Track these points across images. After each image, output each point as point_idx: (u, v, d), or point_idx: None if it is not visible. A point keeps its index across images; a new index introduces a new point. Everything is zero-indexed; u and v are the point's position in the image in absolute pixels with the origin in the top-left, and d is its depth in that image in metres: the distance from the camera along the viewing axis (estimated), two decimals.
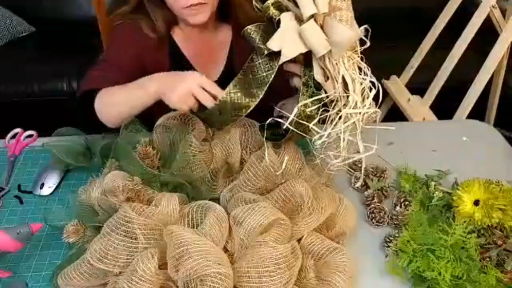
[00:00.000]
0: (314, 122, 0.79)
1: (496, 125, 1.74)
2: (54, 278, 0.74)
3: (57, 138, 1.01)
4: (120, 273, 0.71)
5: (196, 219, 0.78)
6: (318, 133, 0.78)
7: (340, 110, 0.77)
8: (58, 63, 2.10)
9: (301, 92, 0.80)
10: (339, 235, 0.83)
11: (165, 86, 0.86)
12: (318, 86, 0.79)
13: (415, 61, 1.89)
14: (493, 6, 1.63)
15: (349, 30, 0.74)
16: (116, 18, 1.12)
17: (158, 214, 0.77)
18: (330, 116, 0.78)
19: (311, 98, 0.79)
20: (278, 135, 0.87)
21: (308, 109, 0.78)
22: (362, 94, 0.77)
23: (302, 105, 0.78)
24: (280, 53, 0.78)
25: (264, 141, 0.84)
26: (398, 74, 1.96)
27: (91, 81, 0.99)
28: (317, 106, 0.79)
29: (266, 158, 0.83)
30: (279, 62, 0.79)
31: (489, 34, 1.65)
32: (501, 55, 1.61)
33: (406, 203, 0.90)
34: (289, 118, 0.78)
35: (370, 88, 0.78)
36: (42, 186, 0.94)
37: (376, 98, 0.78)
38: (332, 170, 0.84)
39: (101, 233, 0.73)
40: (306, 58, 0.81)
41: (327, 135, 0.77)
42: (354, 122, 0.77)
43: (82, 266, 0.71)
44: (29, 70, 2.07)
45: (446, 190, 0.93)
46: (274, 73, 0.81)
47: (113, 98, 0.92)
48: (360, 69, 0.78)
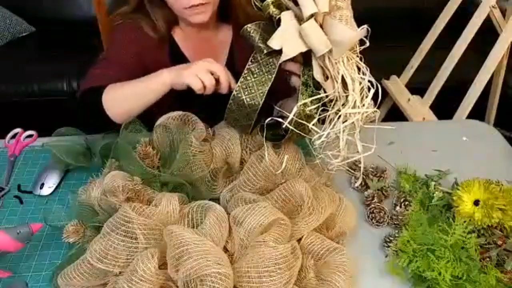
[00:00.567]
0: (314, 121, 0.79)
1: (496, 125, 1.75)
2: (54, 278, 0.74)
3: (57, 138, 1.01)
4: (120, 273, 0.71)
5: (196, 219, 0.78)
6: (317, 132, 0.78)
7: (339, 110, 0.77)
8: (58, 63, 2.10)
9: (300, 91, 0.79)
10: (339, 235, 0.83)
11: (177, 70, 0.89)
12: (317, 86, 0.79)
13: (415, 61, 1.89)
14: (493, 6, 1.63)
15: (351, 30, 0.74)
16: (116, 18, 1.12)
17: (158, 214, 0.77)
18: (329, 115, 0.78)
19: (311, 98, 0.78)
20: (278, 135, 0.87)
21: (307, 108, 0.78)
22: (361, 94, 0.77)
23: (301, 104, 0.78)
24: (279, 52, 0.77)
25: (264, 141, 0.84)
26: (398, 74, 1.96)
27: (93, 79, 0.99)
28: (316, 105, 0.79)
29: (266, 158, 0.83)
30: (280, 61, 0.79)
31: (489, 34, 1.65)
32: (501, 55, 1.61)
33: (406, 203, 0.90)
34: (288, 118, 0.78)
35: (369, 88, 0.78)
36: (42, 186, 0.94)
37: (375, 98, 0.78)
38: (332, 170, 0.84)
39: (101, 233, 0.73)
40: (305, 58, 0.80)
41: (326, 135, 0.77)
42: (353, 121, 0.77)
43: (82, 266, 0.71)
44: (29, 70, 2.07)
45: (446, 190, 0.93)
46: (275, 72, 0.81)
47: (123, 92, 0.92)
48: (359, 68, 0.78)
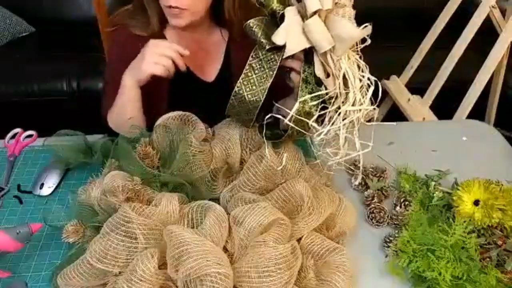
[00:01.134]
0: (314, 119, 0.79)
1: (496, 125, 1.75)
2: (53, 278, 0.74)
3: (57, 138, 1.01)
4: (119, 273, 0.71)
5: (196, 219, 0.78)
6: (317, 130, 0.78)
7: (339, 107, 0.77)
8: (58, 63, 2.10)
9: (300, 88, 0.79)
10: (339, 235, 0.83)
11: (133, 69, 0.95)
12: (318, 83, 0.79)
13: (415, 61, 1.89)
14: (493, 6, 1.63)
15: (354, 27, 0.74)
16: (116, 18, 1.12)
17: (158, 214, 0.77)
18: (329, 113, 0.78)
19: (311, 94, 0.78)
20: (277, 135, 0.87)
21: (307, 105, 0.78)
22: (360, 91, 0.77)
23: (301, 101, 0.78)
24: (280, 48, 0.77)
25: (263, 139, 0.84)
26: (398, 74, 1.96)
27: (109, 102, 1.04)
28: (316, 102, 0.78)
29: (266, 153, 0.82)
30: (283, 57, 0.78)
31: (489, 34, 1.65)
32: (501, 55, 1.61)
33: (406, 203, 0.90)
34: (287, 116, 0.78)
35: (368, 85, 0.78)
36: (42, 186, 0.94)
37: (375, 96, 0.78)
38: (331, 170, 0.84)
39: (100, 233, 0.73)
40: (306, 54, 0.80)
41: (326, 132, 0.77)
42: (353, 119, 0.77)
43: (82, 266, 0.71)
44: (29, 70, 2.07)
45: (446, 190, 0.93)
46: (276, 69, 0.80)
47: (115, 112, 1.01)
48: (358, 67, 0.78)
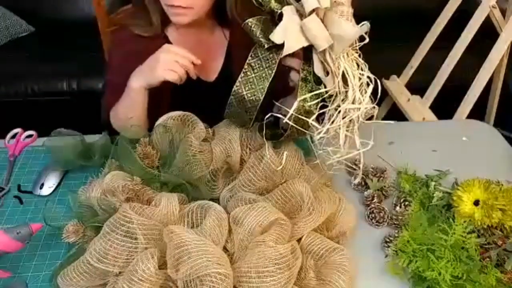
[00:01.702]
0: (313, 117, 0.79)
1: (496, 125, 1.74)
2: (54, 278, 0.73)
3: (57, 138, 1.01)
4: (120, 273, 0.71)
5: (196, 219, 0.78)
6: (317, 128, 0.78)
7: (339, 106, 0.77)
8: (58, 63, 2.10)
9: (299, 87, 0.79)
10: (339, 235, 0.83)
11: (143, 72, 0.93)
12: (317, 81, 0.79)
13: (415, 61, 1.89)
14: (493, 6, 1.63)
15: (352, 25, 0.74)
16: (116, 18, 1.12)
17: (158, 214, 0.77)
18: (329, 111, 0.78)
19: (311, 93, 0.78)
20: (276, 134, 0.87)
21: (307, 104, 0.78)
22: (360, 89, 0.77)
23: (301, 100, 0.78)
24: (279, 47, 0.77)
25: (263, 139, 0.84)
26: (398, 74, 1.96)
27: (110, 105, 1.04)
28: (316, 101, 0.79)
29: (266, 153, 0.82)
30: (281, 55, 0.78)
31: (489, 34, 1.65)
32: (501, 55, 1.61)
33: (406, 203, 0.90)
34: (287, 115, 0.78)
35: (368, 84, 0.78)
36: (42, 186, 0.94)
37: (374, 94, 0.78)
38: (331, 169, 0.84)
39: (101, 233, 0.73)
40: (304, 53, 0.80)
41: (326, 131, 0.77)
42: (352, 117, 0.77)
43: (82, 266, 0.71)
44: (29, 70, 2.07)
45: (446, 190, 0.93)
46: (276, 67, 0.80)
47: (119, 113, 0.99)
48: (357, 65, 0.78)
